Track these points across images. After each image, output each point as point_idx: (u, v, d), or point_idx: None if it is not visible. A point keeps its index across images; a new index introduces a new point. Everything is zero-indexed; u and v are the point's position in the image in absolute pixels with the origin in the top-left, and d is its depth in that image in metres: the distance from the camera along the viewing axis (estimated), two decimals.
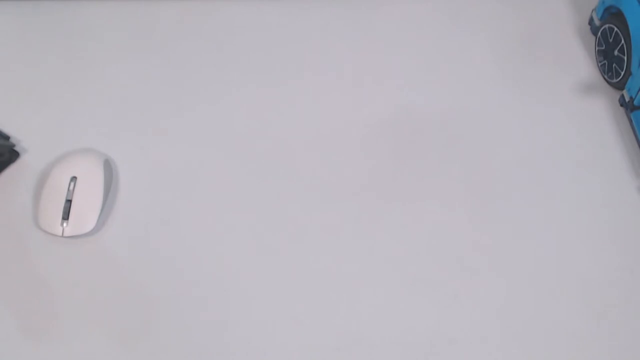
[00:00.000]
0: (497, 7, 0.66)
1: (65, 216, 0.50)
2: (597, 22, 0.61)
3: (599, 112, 0.58)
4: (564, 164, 0.55)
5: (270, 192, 0.53)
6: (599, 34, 0.60)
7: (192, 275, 0.49)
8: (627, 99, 0.56)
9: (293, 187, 0.54)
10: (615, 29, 0.57)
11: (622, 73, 0.56)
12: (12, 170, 0.54)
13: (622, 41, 0.56)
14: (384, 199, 0.53)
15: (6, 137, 0.55)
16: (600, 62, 0.60)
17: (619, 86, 0.58)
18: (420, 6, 0.65)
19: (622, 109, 0.58)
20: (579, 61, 0.61)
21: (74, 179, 0.51)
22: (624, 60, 0.56)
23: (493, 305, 0.48)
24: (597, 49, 0.61)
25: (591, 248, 0.51)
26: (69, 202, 0.50)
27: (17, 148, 0.55)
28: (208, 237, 0.51)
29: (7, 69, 0.61)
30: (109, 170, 0.53)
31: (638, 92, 0.54)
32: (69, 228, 0.50)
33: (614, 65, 0.58)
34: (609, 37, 0.58)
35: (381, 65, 0.61)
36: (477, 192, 0.53)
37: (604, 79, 0.60)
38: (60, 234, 0.50)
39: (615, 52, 0.57)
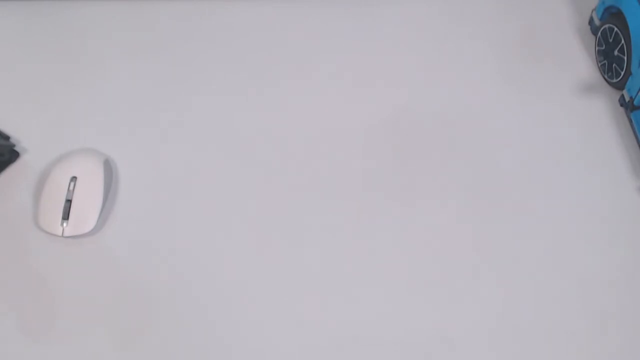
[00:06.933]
0: (497, 7, 0.66)
1: (65, 216, 0.50)
2: (597, 22, 0.61)
3: (599, 112, 0.58)
4: (564, 163, 0.55)
5: (270, 192, 0.53)
6: (599, 34, 0.60)
7: (191, 275, 0.49)
8: (627, 99, 0.56)
9: (293, 187, 0.54)
10: (615, 29, 0.57)
11: (622, 73, 0.56)
12: (12, 170, 0.55)
13: (622, 41, 0.56)
14: (384, 198, 0.53)
15: (6, 137, 0.55)
16: (600, 62, 0.60)
17: (619, 86, 0.58)
18: (420, 6, 0.65)
19: (622, 109, 0.58)
20: (579, 61, 0.61)
21: (74, 179, 0.51)
22: (624, 60, 0.56)
23: (493, 305, 0.48)
24: (597, 49, 0.61)
25: (591, 248, 0.51)
26: (69, 202, 0.50)
27: (17, 148, 0.55)
28: (208, 237, 0.51)
29: (7, 69, 0.61)
30: (109, 170, 0.53)
31: (638, 92, 0.54)
32: (69, 228, 0.50)
33: (614, 65, 0.58)
34: (609, 37, 0.58)
35: (381, 65, 0.61)
36: (477, 192, 0.53)
37: (604, 79, 0.60)
38: (60, 234, 0.50)
39: (615, 52, 0.57)
